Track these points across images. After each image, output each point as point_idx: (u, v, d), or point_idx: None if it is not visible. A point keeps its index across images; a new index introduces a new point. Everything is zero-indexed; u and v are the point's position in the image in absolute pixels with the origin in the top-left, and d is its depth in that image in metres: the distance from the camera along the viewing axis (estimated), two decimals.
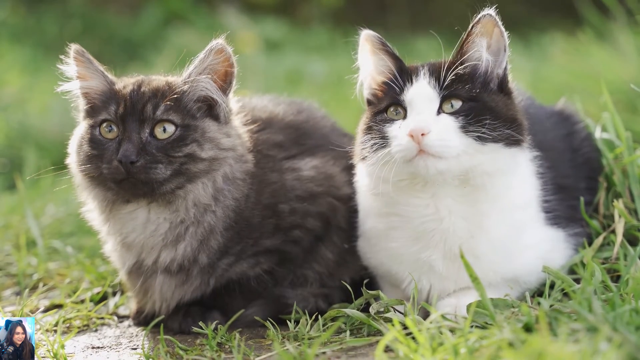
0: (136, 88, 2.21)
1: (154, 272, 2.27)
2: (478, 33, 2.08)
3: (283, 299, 2.36)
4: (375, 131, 2.09)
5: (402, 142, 1.99)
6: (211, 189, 2.21)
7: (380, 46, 2.17)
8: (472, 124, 2.00)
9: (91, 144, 2.18)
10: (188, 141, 2.15)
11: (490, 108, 2.05)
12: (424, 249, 2.12)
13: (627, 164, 2.48)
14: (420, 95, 2.05)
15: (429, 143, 1.96)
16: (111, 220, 2.25)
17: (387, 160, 2.02)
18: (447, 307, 2.07)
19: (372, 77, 2.22)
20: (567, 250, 2.27)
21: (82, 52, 2.22)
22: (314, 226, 2.35)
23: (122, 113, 2.16)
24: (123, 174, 2.11)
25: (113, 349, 2.24)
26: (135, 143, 2.11)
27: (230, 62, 2.23)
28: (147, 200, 2.20)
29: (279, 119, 2.48)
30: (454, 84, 2.05)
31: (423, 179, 2.04)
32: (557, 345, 1.57)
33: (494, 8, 2.08)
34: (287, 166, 2.37)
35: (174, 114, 2.17)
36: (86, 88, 2.26)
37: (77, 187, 2.30)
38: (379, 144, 2.05)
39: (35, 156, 4.45)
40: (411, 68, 2.13)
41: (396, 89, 2.10)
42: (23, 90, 5.96)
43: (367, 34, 2.19)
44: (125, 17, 9.25)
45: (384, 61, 2.17)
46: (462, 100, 2.05)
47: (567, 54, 5.01)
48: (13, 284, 2.87)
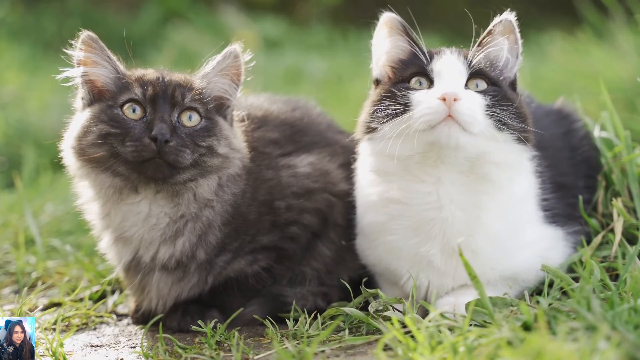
0: (162, 75, 2.24)
1: (151, 269, 2.27)
2: (499, 32, 2.14)
3: (282, 297, 2.36)
4: (392, 99, 2.06)
5: (432, 105, 1.98)
6: (215, 186, 2.23)
7: (402, 28, 2.17)
8: (497, 105, 2.04)
9: (111, 122, 2.14)
10: (211, 133, 2.19)
11: (510, 99, 2.09)
12: (423, 242, 2.13)
13: (625, 163, 2.49)
14: (450, 67, 2.08)
15: (459, 109, 1.97)
16: (112, 211, 2.23)
17: (403, 129, 2.01)
18: (446, 306, 2.08)
19: (388, 55, 2.20)
20: (566, 248, 2.28)
21: (95, 39, 2.21)
22: (311, 222, 2.35)
23: (152, 94, 2.16)
24: (153, 152, 2.09)
25: (112, 347, 2.24)
26: (168, 123, 2.13)
27: (241, 68, 2.29)
28: (157, 188, 2.18)
29: (274, 116, 2.49)
30: (480, 66, 2.10)
31: (437, 154, 2.04)
32: (556, 343, 1.57)
33: (513, 13, 2.16)
34: (282, 163, 2.38)
35: (198, 104, 2.21)
36: (95, 75, 2.23)
37: (75, 176, 2.26)
38: (396, 112, 2.04)
39: (34, 154, 4.45)
40: (434, 50, 2.16)
41: (423, 60, 2.10)
42: (22, 88, 5.95)
43: (389, 15, 2.18)
44: (124, 15, 9.24)
45: (402, 42, 2.17)
46: (487, 82, 2.09)
47: (566, 53, 5.02)
48: (12, 283, 2.87)
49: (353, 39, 8.57)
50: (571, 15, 5.41)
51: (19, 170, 4.22)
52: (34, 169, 4.31)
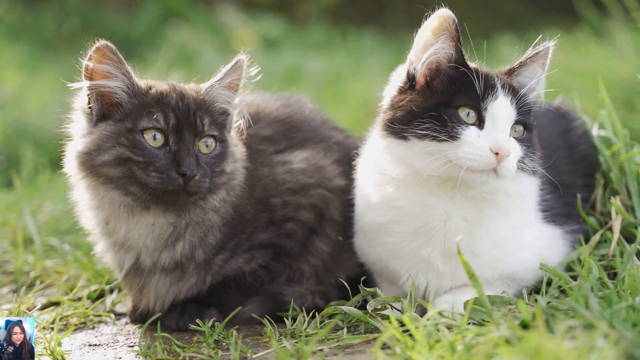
0: (179, 97, 2.17)
1: (151, 272, 2.27)
2: (537, 60, 2.16)
3: (280, 296, 2.36)
4: (438, 123, 2.01)
5: (483, 155, 1.97)
6: (225, 195, 2.24)
7: (454, 32, 2.06)
8: (527, 156, 2.08)
9: (133, 149, 2.09)
10: (224, 157, 2.20)
11: (534, 145, 2.13)
12: (424, 246, 2.13)
13: (624, 161, 2.49)
14: (505, 113, 2.04)
15: (505, 166, 1.99)
16: (117, 224, 2.21)
17: (440, 155, 1.99)
18: (444, 304, 2.08)
19: (432, 58, 2.10)
20: (565, 247, 2.28)
21: (114, 50, 2.12)
22: (307, 218, 2.35)
23: (175, 123, 2.13)
24: (179, 186, 2.09)
25: (110, 346, 2.24)
26: (194, 157, 2.12)
27: (242, 77, 2.27)
28: (166, 207, 2.17)
29: (266, 113, 2.49)
30: (524, 110, 2.09)
31: (457, 183, 2.03)
32: (554, 342, 1.57)
33: (553, 41, 2.17)
34: (277, 160, 2.38)
35: (213, 127, 2.20)
36: (110, 88, 2.14)
37: (77, 186, 2.22)
38: (438, 138, 2.00)
39: (33, 153, 4.44)
40: (483, 73, 2.07)
41: (478, 94, 2.03)
42: (20, 87, 5.94)
43: (446, 12, 2.05)
44: (123, 15, 9.23)
45: (451, 51, 2.08)
46: (523, 127, 2.10)
47: (564, 52, 5.00)
48: (10, 282, 2.87)
49: (352, 38, 8.57)
50: (570, 14, 5.41)
51: (17, 169, 4.22)
52: (32, 168, 4.30)
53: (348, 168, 2.38)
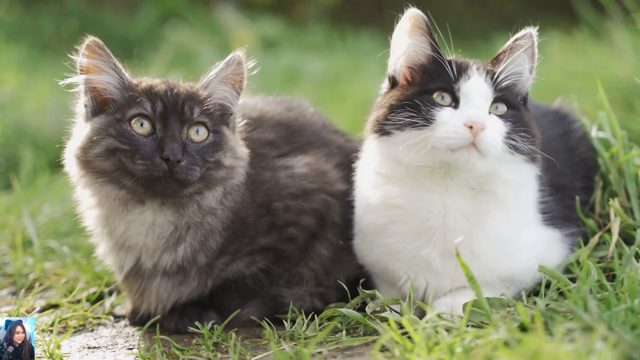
0: (169, 88, 2.20)
1: (152, 275, 2.27)
2: (520, 47, 2.14)
3: (279, 298, 2.36)
4: (414, 110, 2.04)
5: (458, 131, 1.98)
6: (220, 196, 2.23)
7: (426, 28, 2.11)
8: (515, 132, 2.06)
9: (120, 138, 2.12)
10: (218, 147, 2.19)
11: (524, 122, 2.11)
12: (423, 246, 2.13)
13: (623, 163, 2.49)
14: (478, 90, 2.06)
15: (483, 139, 1.98)
16: (115, 220, 2.22)
17: (420, 141, 2.00)
18: (443, 307, 2.08)
19: (409, 56, 2.15)
20: (563, 250, 2.28)
21: (102, 45, 2.17)
22: (309, 223, 2.35)
23: (162, 111, 2.14)
24: (165, 172, 2.09)
25: (109, 349, 2.24)
26: (179, 142, 2.12)
27: (244, 75, 2.27)
28: (163, 201, 2.18)
29: (269, 117, 2.49)
30: (504, 88, 2.09)
31: (448, 170, 2.04)
32: (553, 344, 1.58)
33: (536, 28, 2.15)
34: (279, 164, 2.38)
35: (206, 117, 2.19)
36: (100, 83, 2.19)
37: (78, 184, 2.24)
38: (417, 124, 2.03)
39: (32, 155, 4.44)
40: (458, 61, 2.12)
41: (450, 77, 2.07)
42: (19, 89, 5.94)
43: (414, 12, 2.11)
44: (122, 16, 9.24)
45: (425, 45, 2.13)
46: (507, 106, 2.09)
47: (563, 53, 5.01)
48: (9, 284, 2.87)
49: (351, 39, 8.58)
50: (569, 15, 5.41)
51: (16, 171, 4.22)
52: (31, 170, 4.31)
53: (349, 172, 2.38)
